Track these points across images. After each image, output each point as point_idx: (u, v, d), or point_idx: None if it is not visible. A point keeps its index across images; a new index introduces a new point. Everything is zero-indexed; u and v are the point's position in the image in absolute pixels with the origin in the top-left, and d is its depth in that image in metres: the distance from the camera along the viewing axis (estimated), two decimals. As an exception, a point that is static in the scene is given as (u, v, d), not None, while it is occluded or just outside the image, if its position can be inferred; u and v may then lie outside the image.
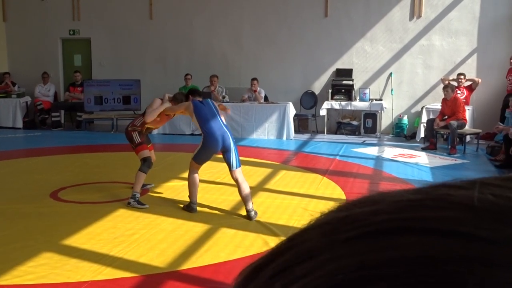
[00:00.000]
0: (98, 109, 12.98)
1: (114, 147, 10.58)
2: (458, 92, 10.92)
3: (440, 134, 10.83)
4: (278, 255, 0.33)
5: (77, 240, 5.11)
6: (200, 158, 6.07)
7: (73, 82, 13.64)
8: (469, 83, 11.36)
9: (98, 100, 12.91)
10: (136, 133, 6.60)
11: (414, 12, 12.25)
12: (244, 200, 5.90)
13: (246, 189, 5.90)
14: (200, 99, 6.39)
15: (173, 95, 6.93)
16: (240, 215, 5.97)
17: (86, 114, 13.04)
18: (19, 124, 13.16)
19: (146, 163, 6.52)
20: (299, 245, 0.33)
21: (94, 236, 5.23)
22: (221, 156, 6.13)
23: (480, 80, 11.31)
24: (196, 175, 6.11)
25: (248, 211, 5.87)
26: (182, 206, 6.25)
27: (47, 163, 9.01)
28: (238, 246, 4.98)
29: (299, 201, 6.59)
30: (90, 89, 12.93)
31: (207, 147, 5.99)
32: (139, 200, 6.29)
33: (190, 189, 6.11)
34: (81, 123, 13.20)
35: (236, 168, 5.91)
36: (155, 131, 12.26)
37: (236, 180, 5.92)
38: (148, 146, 6.82)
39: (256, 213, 5.88)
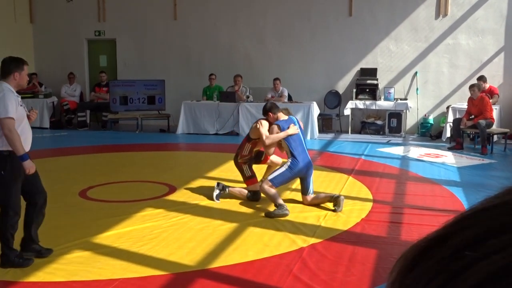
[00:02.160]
0: (123, 109, 13.10)
1: (140, 147, 10.68)
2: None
3: (467, 134, 10.71)
4: (454, 234, 0.33)
5: (107, 238, 5.16)
6: (280, 182, 6.10)
7: (98, 83, 13.79)
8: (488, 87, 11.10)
9: (123, 100, 13.03)
10: (247, 165, 6.52)
11: (440, 10, 12.13)
12: (324, 200, 6.22)
13: (321, 195, 6.28)
14: (282, 115, 6.25)
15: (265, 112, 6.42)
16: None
17: (112, 114, 13.17)
18: (46, 124, 13.34)
19: (254, 196, 6.48)
20: (483, 222, 0.33)
21: (123, 234, 5.28)
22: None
23: (498, 95, 11.13)
24: (270, 187, 6.03)
25: (333, 198, 6.09)
26: (264, 213, 5.95)
27: (75, 163, 9.13)
28: (266, 245, 4.99)
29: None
30: (115, 89, 13.06)
31: (293, 172, 6.07)
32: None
33: (272, 198, 5.99)
34: (106, 123, 13.33)
35: (311, 194, 6.25)
36: (179, 130, 12.35)
37: (308, 204, 6.24)
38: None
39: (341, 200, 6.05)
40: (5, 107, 4.28)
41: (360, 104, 12.21)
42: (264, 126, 6.26)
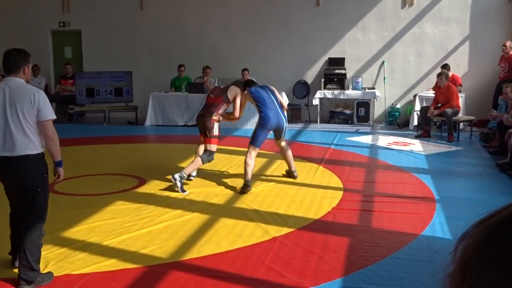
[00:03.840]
0: (90, 101, 12.89)
1: (107, 140, 10.53)
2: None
3: (434, 122, 10.86)
4: None
5: (77, 232, 5.08)
6: (260, 141, 6.73)
7: (64, 75, 13.54)
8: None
9: (90, 93, 12.83)
10: (219, 124, 6.89)
11: (406, 0, 12.24)
12: (290, 162, 7.00)
13: (290, 154, 7.01)
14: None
15: (235, 83, 7.23)
16: (238, 207, 5.97)
17: (78, 106, 12.95)
18: (10, 117, 13.01)
19: (210, 156, 6.74)
20: None
21: (94, 228, 5.20)
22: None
23: (461, 85, 11.34)
24: (254, 160, 6.64)
25: (292, 171, 7.02)
26: (238, 189, 6.54)
27: (41, 156, 8.94)
28: (239, 236, 4.97)
29: (297, 190, 6.59)
30: (81, 82, 12.84)
31: (266, 128, 6.73)
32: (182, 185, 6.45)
33: (247, 172, 6.52)
34: (72, 115, 13.11)
35: (283, 139, 6.99)
36: (148, 122, 12.24)
37: (281, 146, 7.01)
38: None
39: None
40: (50, 108, 3.99)
41: (328, 93, 12.27)
42: (239, 99, 6.94)
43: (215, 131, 6.81)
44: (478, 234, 0.36)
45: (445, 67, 11.19)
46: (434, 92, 10.64)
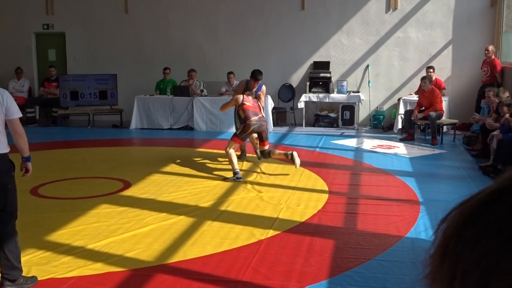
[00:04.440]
0: (74, 104, 12.81)
1: (92, 143, 10.47)
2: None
3: (418, 125, 10.95)
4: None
5: (61, 236, 5.04)
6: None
7: (48, 77, 13.43)
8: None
9: (74, 95, 12.74)
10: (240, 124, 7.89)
11: (390, 4, 12.34)
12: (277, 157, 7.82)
13: (273, 154, 7.75)
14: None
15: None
16: (224, 210, 5.97)
17: (62, 109, 12.86)
18: (-7, 120, 12.88)
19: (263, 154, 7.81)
20: None
21: (78, 231, 5.17)
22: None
23: (445, 89, 11.47)
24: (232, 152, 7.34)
25: (263, 152, 7.70)
26: (224, 177, 7.30)
27: (25, 160, 8.85)
28: (225, 239, 4.97)
29: (283, 193, 6.60)
30: (65, 84, 12.75)
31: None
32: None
33: (231, 160, 7.26)
34: (56, 118, 13.01)
35: (267, 141, 7.68)
36: (133, 125, 12.18)
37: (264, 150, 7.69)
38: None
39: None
40: (17, 106, 4.16)
41: (313, 97, 12.31)
42: (234, 97, 7.86)
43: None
44: (457, 216, 0.38)
45: (430, 67, 11.36)
46: (417, 95, 10.73)
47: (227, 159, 7.46)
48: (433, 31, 12.23)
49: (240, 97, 7.62)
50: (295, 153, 7.43)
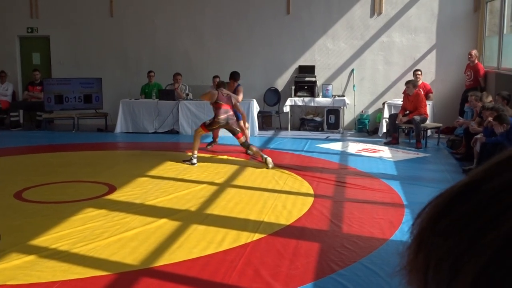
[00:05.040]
0: (59, 108, 12.73)
1: (77, 147, 10.41)
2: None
3: (402, 129, 11.03)
4: (491, 178, 0.36)
5: (46, 240, 5.01)
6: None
7: (32, 81, 13.33)
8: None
9: (58, 99, 12.66)
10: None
11: (375, 9, 12.43)
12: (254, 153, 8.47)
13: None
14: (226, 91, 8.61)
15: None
16: (209, 214, 5.97)
17: (46, 113, 12.77)
18: (-24, 124, 12.79)
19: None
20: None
21: (63, 236, 5.14)
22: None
23: (432, 92, 11.62)
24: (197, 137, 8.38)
25: (242, 145, 8.55)
26: (186, 160, 8.39)
27: (9, 164, 8.79)
28: (210, 242, 4.97)
29: (268, 196, 6.62)
30: (50, 88, 12.67)
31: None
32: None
33: (194, 146, 8.30)
34: (41, 122, 12.92)
35: (238, 133, 8.44)
36: (118, 129, 12.14)
37: (240, 143, 8.50)
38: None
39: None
40: None
41: (299, 101, 12.35)
42: (211, 91, 8.66)
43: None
44: (432, 208, 0.40)
45: (418, 70, 11.48)
46: (402, 99, 10.82)
47: (214, 164, 7.78)
48: (417, 35, 12.34)
49: (216, 94, 8.38)
50: (269, 159, 8.12)
